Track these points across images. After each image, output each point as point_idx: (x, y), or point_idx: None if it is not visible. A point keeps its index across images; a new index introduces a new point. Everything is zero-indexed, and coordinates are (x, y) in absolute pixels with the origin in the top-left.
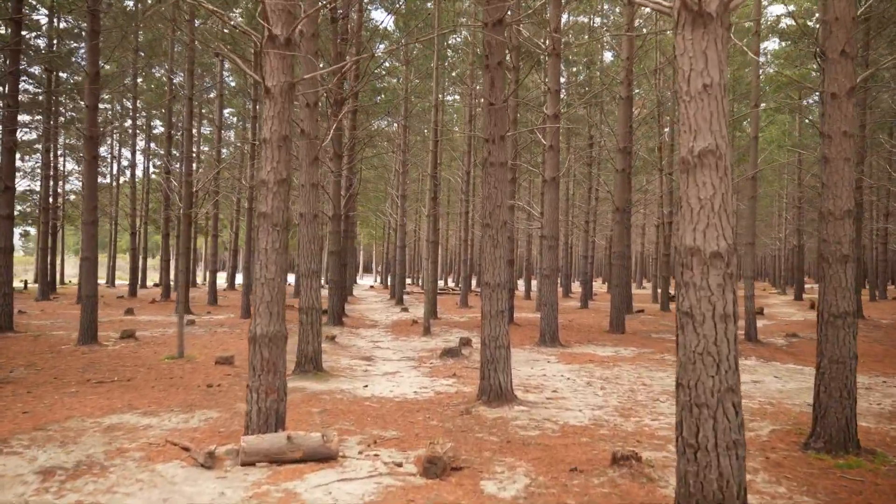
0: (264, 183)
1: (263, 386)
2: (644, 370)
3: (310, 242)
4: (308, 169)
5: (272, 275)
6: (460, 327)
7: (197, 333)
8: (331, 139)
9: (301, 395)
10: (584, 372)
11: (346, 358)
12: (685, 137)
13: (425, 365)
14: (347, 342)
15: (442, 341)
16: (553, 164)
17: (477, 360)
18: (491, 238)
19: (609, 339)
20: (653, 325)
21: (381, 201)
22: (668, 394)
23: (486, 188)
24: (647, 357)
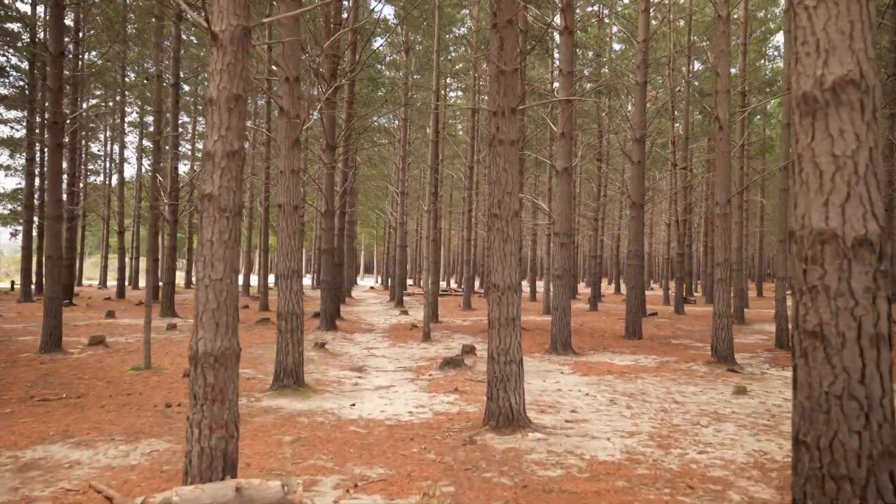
0: (209, 156)
1: (207, 420)
2: (671, 383)
3: (289, 238)
4: (287, 153)
5: (219, 274)
6: (463, 332)
7: (175, 339)
8: (324, 129)
9: (273, 418)
10: (604, 386)
11: (334, 368)
12: (807, 63)
13: (424, 377)
14: (339, 349)
15: (443, 348)
16: (566, 152)
17: (482, 370)
18: (500, 231)
19: (625, 345)
20: (670, 330)
21: (382, 199)
22: (709, 415)
23: (494, 171)
24: (671, 367)
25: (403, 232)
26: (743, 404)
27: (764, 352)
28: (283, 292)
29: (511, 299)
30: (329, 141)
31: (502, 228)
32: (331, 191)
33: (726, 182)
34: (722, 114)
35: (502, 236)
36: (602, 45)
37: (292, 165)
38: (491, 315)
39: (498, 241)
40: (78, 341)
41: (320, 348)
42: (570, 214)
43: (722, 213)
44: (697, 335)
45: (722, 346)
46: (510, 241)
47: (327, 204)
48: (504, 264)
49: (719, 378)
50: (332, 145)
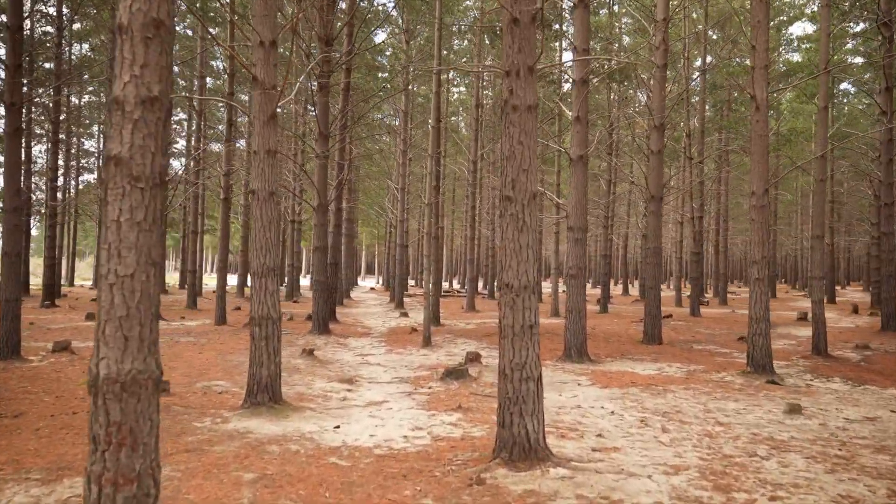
0: (118, 105)
1: (111, 473)
2: (707, 398)
3: (264, 229)
4: (262, 130)
5: (130, 268)
6: (466, 336)
7: None
8: (317, 117)
9: (238, 447)
10: (629, 401)
11: (322, 379)
12: None
13: (422, 390)
14: (330, 356)
15: (444, 355)
16: (581, 138)
17: (488, 381)
18: (513, 218)
19: (645, 351)
20: (688, 334)
21: (383, 197)
22: (765, 442)
23: (507, 144)
24: (701, 378)
25: (404, 230)
26: (801, 427)
27: (800, 359)
28: (257, 293)
29: (527, 302)
30: (322, 129)
31: (517, 214)
32: (324, 183)
33: (764, 169)
34: (759, 92)
35: (517, 224)
36: (612, 33)
37: (268, 145)
38: (503, 321)
39: (511, 229)
40: (43, 347)
41: (308, 355)
42: (585, 207)
43: (759, 204)
44: (720, 340)
45: (759, 354)
46: (527, 229)
47: (319, 197)
48: (519, 259)
49: (760, 392)
50: (326, 134)
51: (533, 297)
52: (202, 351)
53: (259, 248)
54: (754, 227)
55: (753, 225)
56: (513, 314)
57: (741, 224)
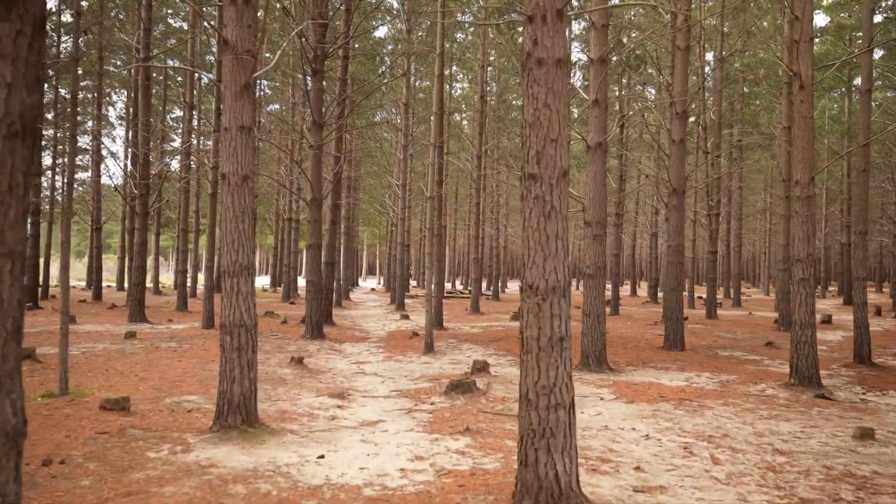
0: None
1: None
2: (752, 416)
3: (236, 220)
4: (234, 102)
5: None
6: (472, 342)
7: (129, 351)
8: (310, 104)
9: (194, 487)
10: (664, 420)
11: (309, 393)
12: None
13: (424, 406)
14: (322, 364)
15: (448, 363)
16: (600, 124)
17: (499, 396)
18: (538, 201)
19: (668, 358)
20: (710, 338)
21: (384, 194)
22: (844, 479)
23: (530, 109)
24: (738, 391)
25: (405, 228)
26: (879, 457)
27: (842, 368)
28: (228, 296)
29: (557, 308)
30: (316, 118)
31: (542, 196)
32: (318, 176)
33: (808, 156)
34: (804, 69)
35: (543, 208)
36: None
37: (241, 120)
38: (525, 332)
39: (536, 216)
40: None
41: (297, 364)
42: (604, 199)
43: (804, 195)
44: (745, 345)
45: (804, 364)
46: (555, 216)
47: (313, 191)
48: (546, 252)
49: (811, 409)
50: (320, 123)
51: (563, 301)
52: (181, 358)
53: (230, 242)
54: (797, 222)
55: (797, 219)
56: (538, 323)
57: (749, 223)
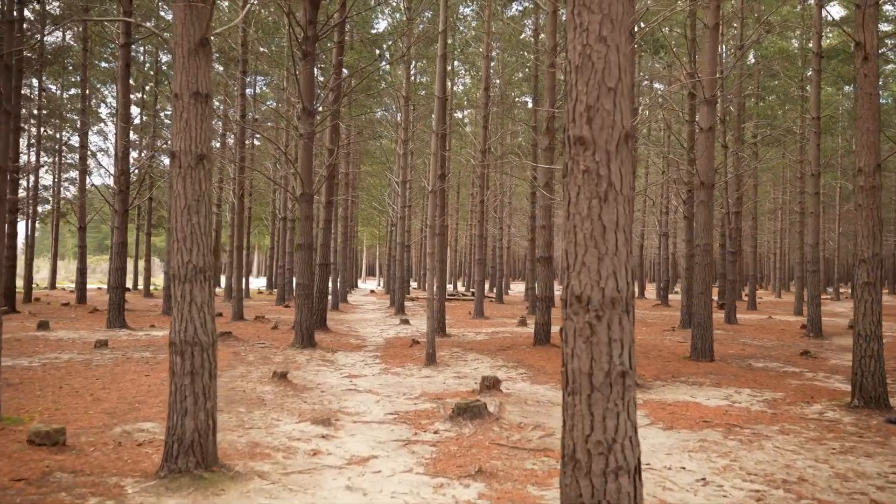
0: None
1: None
2: (822, 449)
3: (189, 211)
4: (187, 63)
5: None
6: (478, 351)
7: (96, 362)
8: (299, 90)
9: None
10: (716, 455)
11: (290, 418)
12: None
13: (425, 435)
14: (310, 379)
15: (453, 377)
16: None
17: (514, 423)
18: (590, 176)
19: (697, 371)
20: (736, 346)
21: (384, 192)
22: None
23: (577, 43)
24: (791, 414)
25: (405, 228)
26: None
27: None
28: (179, 306)
29: (618, 329)
30: (306, 104)
31: (596, 169)
32: (308, 169)
33: (874, 139)
34: (869, 38)
35: (596, 186)
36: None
37: (195, 85)
38: (570, 363)
39: (587, 197)
40: None
41: (280, 380)
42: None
43: (869, 185)
44: (777, 354)
45: (869, 382)
46: (614, 196)
47: (304, 185)
48: (602, 249)
49: (890, 438)
50: (311, 110)
51: (626, 319)
52: (151, 372)
53: (181, 238)
54: (861, 216)
55: (860, 213)
56: (590, 352)
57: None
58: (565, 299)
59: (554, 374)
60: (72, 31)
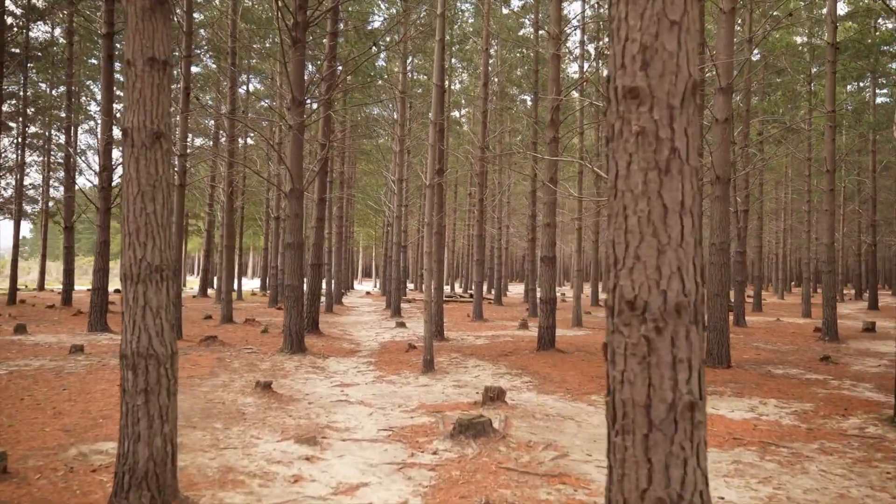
0: None
1: None
2: (875, 473)
3: (143, 197)
4: (141, 24)
5: None
6: (478, 356)
7: (68, 370)
8: (289, 79)
9: None
10: (756, 480)
11: (272, 435)
12: None
13: (423, 457)
14: (298, 388)
15: (452, 385)
16: None
17: (523, 441)
18: (645, 140)
19: (716, 379)
20: (750, 351)
21: (380, 191)
22: None
23: None
24: (825, 428)
25: (401, 227)
26: None
27: None
28: (130, 312)
29: (685, 346)
30: (296, 94)
31: (654, 130)
32: (298, 163)
33: None
34: None
35: (653, 155)
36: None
37: (151, 50)
38: (620, 392)
39: (641, 168)
40: None
41: (264, 391)
42: None
43: None
44: (795, 360)
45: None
46: (680, 167)
47: (293, 180)
48: (661, 236)
49: None
50: (301, 101)
51: (695, 333)
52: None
53: (133, 231)
54: None
55: None
56: (647, 376)
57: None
58: (612, 306)
59: (561, 383)
60: (60, 27)
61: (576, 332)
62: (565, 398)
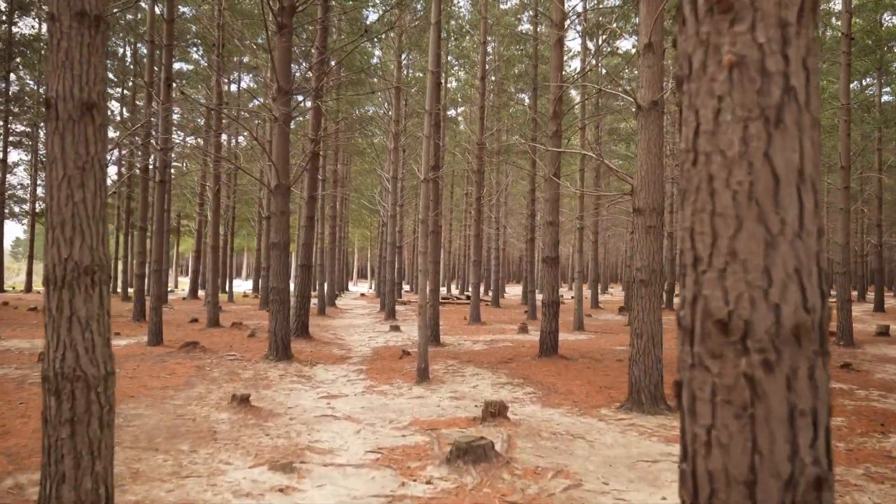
0: None
1: None
2: None
3: (70, 183)
4: None
5: None
6: (476, 363)
7: (34, 379)
8: (273, 67)
9: None
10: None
11: (243, 460)
12: None
13: (414, 487)
14: (280, 401)
15: (448, 397)
16: (654, 76)
17: (530, 468)
18: (739, 72)
19: None
20: None
21: (374, 189)
22: None
23: None
24: (863, 447)
25: (396, 227)
26: None
27: None
28: (54, 323)
29: (806, 390)
30: (282, 84)
31: (755, 60)
32: (285, 157)
33: None
34: None
35: (755, 97)
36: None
37: (80, 3)
38: (708, 460)
39: (736, 118)
40: None
41: (240, 405)
42: (660, 178)
43: None
44: None
45: None
46: (796, 117)
47: (279, 176)
48: (771, 220)
49: None
50: (287, 91)
51: (820, 370)
52: None
53: (58, 224)
54: None
55: None
56: (749, 436)
57: None
58: (690, 326)
59: (568, 394)
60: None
61: (578, 336)
62: (573, 412)
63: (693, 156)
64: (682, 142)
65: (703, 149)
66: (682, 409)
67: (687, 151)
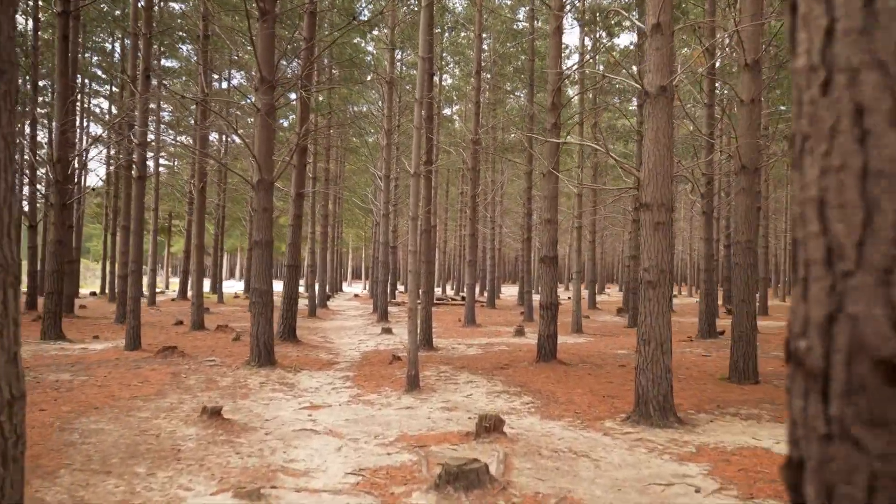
0: None
1: None
2: None
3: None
4: None
5: None
6: (470, 369)
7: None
8: (256, 56)
9: None
10: None
11: (206, 485)
12: None
13: None
14: (255, 413)
15: (440, 408)
16: (662, 59)
17: (528, 490)
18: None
19: (746, 398)
20: (774, 362)
21: (368, 189)
22: None
23: None
24: None
25: (389, 226)
26: None
27: None
28: None
29: None
30: (265, 74)
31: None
32: (268, 150)
33: None
34: None
35: None
36: None
37: None
38: None
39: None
40: None
41: (211, 418)
42: (669, 171)
43: None
44: None
45: None
46: None
47: (261, 171)
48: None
49: None
50: (271, 81)
51: None
52: (55, 403)
53: None
54: None
55: None
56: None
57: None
58: (820, 366)
59: (568, 404)
60: (25, 16)
61: (576, 338)
62: (574, 425)
63: (823, 76)
64: (801, 56)
65: (844, 61)
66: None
67: (809, 70)
